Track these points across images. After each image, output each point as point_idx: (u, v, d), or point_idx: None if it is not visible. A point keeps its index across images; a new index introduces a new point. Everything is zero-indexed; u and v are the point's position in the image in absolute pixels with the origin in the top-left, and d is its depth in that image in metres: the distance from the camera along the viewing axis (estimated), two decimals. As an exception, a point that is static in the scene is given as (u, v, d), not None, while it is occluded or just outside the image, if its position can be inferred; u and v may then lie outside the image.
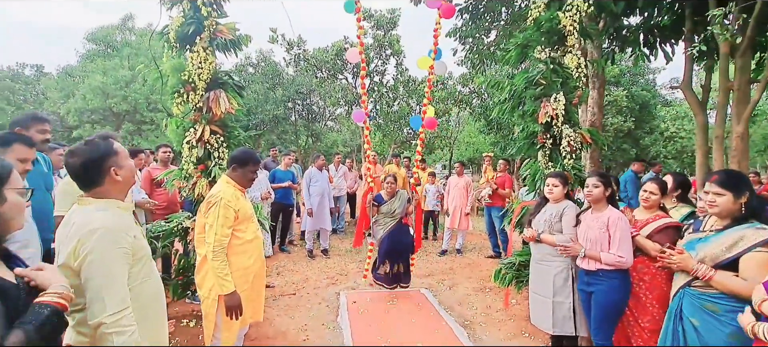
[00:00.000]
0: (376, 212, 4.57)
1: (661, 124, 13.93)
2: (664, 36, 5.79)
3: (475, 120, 14.27)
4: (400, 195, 4.58)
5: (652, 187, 2.79)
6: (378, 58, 13.01)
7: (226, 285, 2.45)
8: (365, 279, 4.70)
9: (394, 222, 4.50)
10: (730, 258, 1.97)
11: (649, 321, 2.65)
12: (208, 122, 3.44)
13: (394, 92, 13.70)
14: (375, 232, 4.60)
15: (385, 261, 4.51)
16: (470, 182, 7.05)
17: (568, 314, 3.02)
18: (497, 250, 6.59)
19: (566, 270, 3.05)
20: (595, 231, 2.70)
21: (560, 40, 3.85)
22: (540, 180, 3.74)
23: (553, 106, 3.68)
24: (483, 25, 7.30)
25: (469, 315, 4.23)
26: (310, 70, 14.07)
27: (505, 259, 4.05)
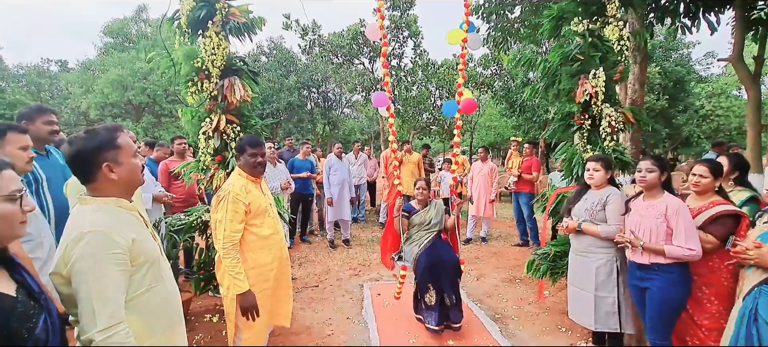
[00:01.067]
0: (407, 227, 3.62)
1: (696, 101, 13.11)
2: (707, 5, 5.30)
3: (496, 103, 13.81)
4: (436, 204, 3.64)
5: (701, 169, 2.47)
6: (395, 41, 12.64)
7: (239, 284, 2.30)
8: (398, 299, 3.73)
9: (431, 236, 3.48)
10: None
11: (708, 319, 2.40)
12: (224, 112, 3.29)
13: (412, 75, 13.34)
14: (407, 252, 3.54)
15: (429, 287, 3.32)
16: (495, 168, 6.76)
17: (612, 309, 2.79)
18: (525, 238, 6.32)
19: (610, 263, 2.80)
20: (650, 221, 2.43)
21: (599, 10, 3.51)
22: (578, 165, 3.45)
23: (593, 83, 3.37)
24: (507, 1, 6.89)
25: (500, 307, 4.02)
26: (326, 56, 13.83)
27: (538, 249, 3.79)
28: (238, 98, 3.21)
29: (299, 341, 3.36)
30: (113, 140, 1.41)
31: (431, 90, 13.53)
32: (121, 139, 1.43)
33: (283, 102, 15.18)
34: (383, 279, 4.87)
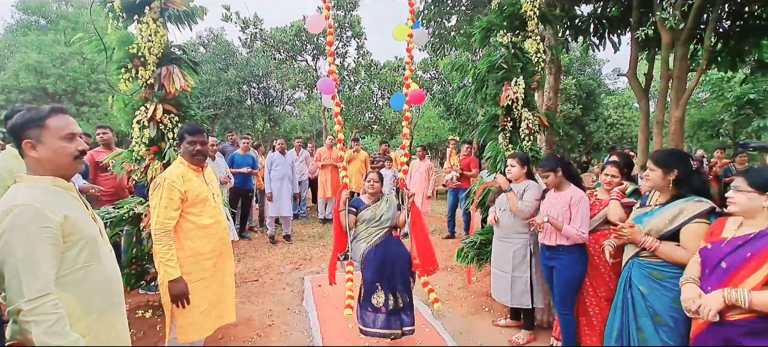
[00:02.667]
0: (354, 223, 3.16)
1: (605, 111, 14.94)
2: (612, 27, 6.13)
3: (434, 105, 14.47)
4: (388, 198, 3.25)
5: (612, 170, 2.97)
6: (339, 40, 12.74)
7: (169, 270, 2.28)
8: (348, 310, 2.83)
9: (382, 232, 3.07)
10: (672, 230, 2.15)
11: (605, 290, 2.84)
12: (161, 100, 3.21)
13: (355, 75, 13.52)
14: (354, 249, 3.11)
15: (377, 287, 2.95)
16: (432, 166, 7.16)
17: (525, 288, 3.20)
18: (452, 231, 6.79)
19: (525, 247, 3.21)
20: (557, 208, 2.85)
21: (521, 25, 3.96)
22: (501, 162, 3.87)
23: (514, 89, 3.80)
24: (444, 10, 7.34)
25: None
26: (268, 51, 13.50)
27: (467, 238, 4.18)
28: (177, 87, 3.15)
29: (239, 333, 3.38)
30: (41, 119, 1.43)
31: (374, 90, 13.81)
32: (51, 120, 1.44)
33: (222, 96, 14.53)
34: (324, 271, 4.98)
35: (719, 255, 1.77)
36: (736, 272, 1.68)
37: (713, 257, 1.80)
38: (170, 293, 2.30)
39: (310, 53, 13.26)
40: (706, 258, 1.85)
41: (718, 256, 1.78)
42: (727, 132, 12.55)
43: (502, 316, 3.65)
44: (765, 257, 1.61)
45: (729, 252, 1.74)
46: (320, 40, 12.45)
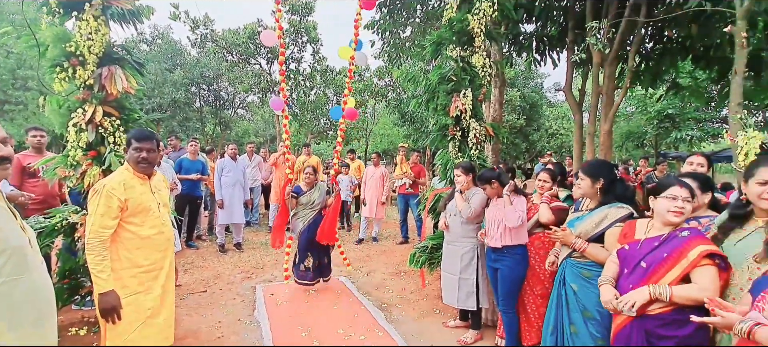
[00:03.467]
0: (295, 205, 4.41)
1: (546, 122, 16.07)
2: (551, 45, 6.64)
3: (389, 112, 14.72)
4: (319, 186, 4.52)
5: (544, 177, 3.23)
6: (294, 45, 12.60)
7: (99, 283, 2.13)
8: (287, 280, 4.48)
9: (313, 214, 4.41)
10: (598, 233, 2.39)
11: (541, 288, 3.07)
12: (101, 102, 3.03)
13: (311, 80, 13.42)
14: (294, 225, 4.43)
15: (308, 255, 4.36)
16: (386, 173, 7.30)
17: (471, 289, 3.36)
18: (406, 236, 6.96)
19: (473, 250, 3.39)
20: (500, 214, 3.04)
21: (469, 41, 4.19)
22: (451, 169, 4.05)
23: (463, 101, 4.01)
24: (399, 20, 7.56)
25: (386, 297, 4.42)
26: (219, 52, 13.02)
27: (419, 243, 4.32)
28: (119, 89, 2.99)
29: (185, 343, 3.25)
30: None
31: (329, 96, 13.78)
32: None
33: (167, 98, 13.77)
34: (276, 279, 4.91)
35: (638, 255, 1.96)
36: (656, 270, 1.87)
37: (632, 257, 1.99)
38: (99, 306, 2.15)
39: (264, 57, 12.98)
40: (625, 259, 2.05)
41: (637, 256, 1.97)
42: (650, 143, 13.95)
43: (452, 317, 3.81)
44: (679, 256, 1.82)
45: (647, 252, 1.94)
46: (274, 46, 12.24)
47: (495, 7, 4.03)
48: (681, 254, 1.82)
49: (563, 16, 5.93)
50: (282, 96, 4.05)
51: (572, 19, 5.75)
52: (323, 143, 19.10)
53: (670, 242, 1.89)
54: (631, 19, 4.86)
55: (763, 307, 1.37)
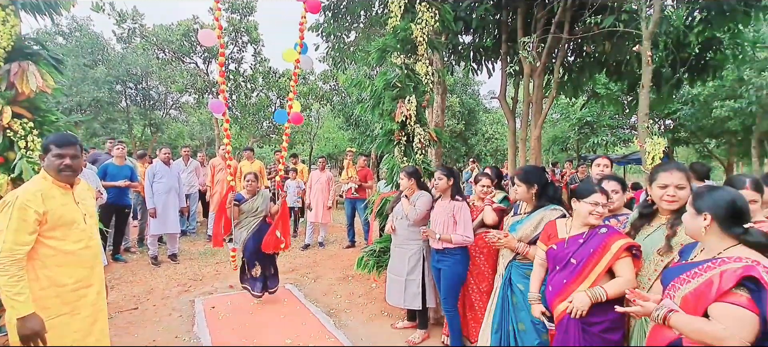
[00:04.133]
0: (238, 214, 4.17)
1: (483, 127, 17.02)
2: (487, 55, 7.06)
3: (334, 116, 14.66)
4: (263, 193, 4.35)
5: (486, 181, 3.44)
6: (233, 44, 12.05)
7: (18, 306, 1.89)
8: (232, 289, 4.28)
9: (257, 221, 4.22)
10: (537, 234, 2.59)
11: (486, 285, 3.24)
12: (10, 102, 2.69)
13: (252, 82, 12.90)
14: (237, 236, 4.16)
15: (255, 264, 4.20)
16: (332, 177, 7.26)
17: (417, 290, 3.46)
18: (353, 240, 6.98)
19: (419, 252, 3.49)
20: (443, 216, 3.18)
21: (413, 49, 4.33)
22: (397, 174, 4.15)
23: (407, 106, 4.13)
24: (344, 25, 7.57)
25: (334, 303, 4.41)
26: (149, 49, 12.05)
27: (367, 247, 4.36)
28: (33, 88, 2.68)
29: (115, 368, 2.99)
30: None
31: (272, 98, 13.37)
32: None
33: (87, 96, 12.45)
34: (217, 291, 4.67)
35: (568, 253, 2.17)
36: (586, 264, 2.09)
37: (563, 255, 2.20)
38: (20, 333, 1.91)
39: (201, 56, 12.26)
40: (555, 257, 2.25)
41: (567, 254, 2.17)
42: (573, 147, 15.35)
43: (400, 319, 3.89)
44: (604, 251, 2.05)
45: (575, 249, 2.15)
46: (213, 44, 11.61)
47: (436, 18, 4.22)
48: (605, 248, 2.05)
49: (498, 29, 6.34)
50: (222, 98, 3.79)
51: (505, 32, 6.18)
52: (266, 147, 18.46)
53: (593, 239, 2.12)
54: (556, 35, 5.34)
55: (673, 295, 1.57)
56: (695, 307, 1.47)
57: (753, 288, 1.37)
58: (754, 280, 1.36)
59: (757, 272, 1.36)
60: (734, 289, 1.39)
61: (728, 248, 1.50)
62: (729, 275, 1.41)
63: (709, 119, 10.79)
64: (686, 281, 1.54)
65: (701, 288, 1.47)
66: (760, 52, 8.87)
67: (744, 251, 1.46)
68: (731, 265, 1.43)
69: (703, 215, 1.54)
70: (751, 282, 1.37)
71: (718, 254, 1.51)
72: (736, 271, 1.40)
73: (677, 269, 1.64)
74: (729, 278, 1.40)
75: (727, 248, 1.50)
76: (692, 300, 1.49)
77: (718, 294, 1.41)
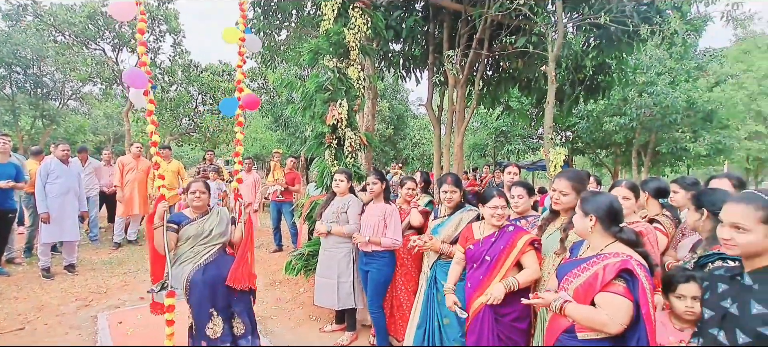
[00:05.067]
0: (175, 242, 2.76)
1: (411, 132, 17.73)
2: (415, 64, 7.38)
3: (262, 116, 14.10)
4: (219, 211, 2.94)
5: (411, 185, 3.61)
6: (150, 32, 10.97)
7: None
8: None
9: (213, 250, 2.78)
10: (458, 234, 2.82)
11: (413, 285, 3.38)
12: None
13: (170, 75, 11.83)
14: (176, 274, 2.69)
15: (211, 314, 2.66)
16: (258, 179, 7.01)
17: (349, 290, 3.52)
18: (279, 244, 6.82)
19: (349, 254, 3.54)
20: (374, 218, 3.28)
21: (345, 53, 4.39)
22: (327, 176, 4.17)
23: (339, 110, 4.17)
24: (274, 23, 7.36)
25: (260, 310, 4.25)
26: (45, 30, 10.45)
27: (295, 251, 4.30)
28: None
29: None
30: None
31: (193, 94, 12.43)
32: None
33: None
34: (126, 304, 4.25)
35: (482, 251, 2.44)
36: (498, 260, 2.36)
37: (478, 254, 2.46)
38: None
39: (109, 42, 10.96)
40: (472, 256, 2.51)
41: (482, 252, 2.44)
42: (491, 153, 16.66)
43: (329, 322, 3.90)
44: (512, 247, 2.33)
45: (488, 248, 2.42)
46: (123, 28, 10.41)
47: (369, 24, 4.33)
48: (513, 245, 2.35)
49: (425, 40, 6.68)
50: (144, 71, 2.71)
51: (433, 44, 6.53)
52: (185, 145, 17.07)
53: (503, 237, 2.42)
54: (476, 51, 5.80)
55: (567, 288, 1.81)
56: (585, 297, 1.72)
57: (628, 278, 1.63)
58: (629, 272, 1.63)
59: (631, 265, 1.63)
60: (614, 280, 1.64)
61: (608, 244, 1.77)
62: (610, 268, 1.66)
63: (600, 132, 12.48)
64: (577, 275, 1.78)
65: (589, 280, 1.72)
66: (640, 76, 10.51)
67: (620, 247, 1.74)
68: (611, 260, 1.68)
69: (589, 217, 1.81)
70: (627, 274, 1.64)
71: (600, 250, 1.78)
72: (616, 265, 1.65)
73: (569, 265, 1.90)
74: (610, 271, 1.66)
75: (607, 245, 1.77)
76: (582, 292, 1.73)
77: (602, 285, 1.66)
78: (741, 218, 1.38)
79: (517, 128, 14.27)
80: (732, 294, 1.44)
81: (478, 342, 2.37)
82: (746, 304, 1.36)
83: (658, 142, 12.35)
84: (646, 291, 1.59)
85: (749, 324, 1.33)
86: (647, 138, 12.43)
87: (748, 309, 1.35)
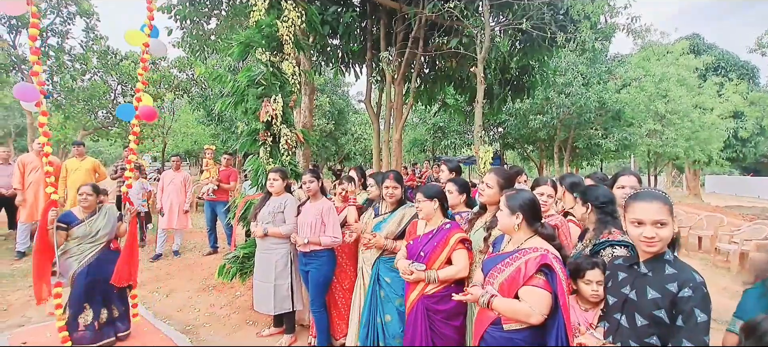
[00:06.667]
0: (65, 239, 3.17)
1: (352, 127, 17.70)
2: (355, 59, 7.38)
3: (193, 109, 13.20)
4: (107, 210, 3.36)
5: (345, 184, 3.62)
6: (55, 13, 9.68)
7: None
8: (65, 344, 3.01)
9: (97, 249, 3.24)
10: (400, 230, 2.89)
11: (348, 283, 3.40)
12: None
13: (83, 62, 10.56)
14: (64, 267, 3.14)
15: (85, 307, 3.15)
16: (188, 177, 6.58)
17: (287, 294, 3.44)
18: (215, 246, 6.49)
19: (286, 256, 3.46)
20: (311, 218, 3.24)
21: (279, 47, 4.26)
22: (262, 175, 4.03)
23: (273, 106, 4.04)
24: (202, 10, 6.90)
25: (192, 318, 4.04)
26: None
27: (229, 253, 4.12)
28: None
29: None
30: None
31: (111, 84, 11.25)
32: None
33: None
34: (31, 322, 3.79)
35: (419, 247, 2.51)
36: (430, 256, 2.44)
37: (415, 249, 2.54)
38: None
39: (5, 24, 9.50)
40: (410, 251, 2.58)
41: (418, 248, 2.51)
42: (429, 148, 17.21)
43: (266, 326, 3.79)
44: (445, 244, 2.41)
45: (424, 244, 2.50)
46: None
47: (303, 18, 4.23)
48: (446, 242, 2.43)
49: (363, 36, 6.70)
50: (36, 83, 2.84)
51: (370, 40, 6.56)
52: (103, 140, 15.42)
53: (439, 234, 2.49)
54: (411, 50, 5.94)
55: (492, 282, 1.92)
56: (509, 291, 1.83)
57: (547, 272, 1.77)
58: (547, 266, 1.77)
59: (549, 259, 1.77)
60: (536, 274, 1.78)
61: (528, 239, 1.90)
62: (531, 263, 1.79)
63: (526, 128, 13.47)
64: (501, 270, 1.90)
65: (513, 274, 1.84)
66: (559, 78, 11.49)
67: (538, 242, 1.88)
68: (532, 255, 1.81)
69: (516, 214, 1.92)
70: (546, 268, 1.77)
71: (520, 245, 1.90)
72: (536, 259, 1.79)
73: (493, 260, 2.01)
74: (531, 265, 1.79)
75: (527, 239, 1.90)
76: (507, 286, 1.85)
77: (525, 279, 1.79)
78: (659, 214, 1.51)
79: (453, 124, 14.89)
80: (630, 281, 1.61)
81: (413, 337, 2.45)
82: (643, 290, 1.53)
83: (575, 138, 13.61)
84: (562, 282, 1.75)
85: (646, 310, 1.50)
86: (567, 135, 13.63)
87: (645, 294, 1.52)
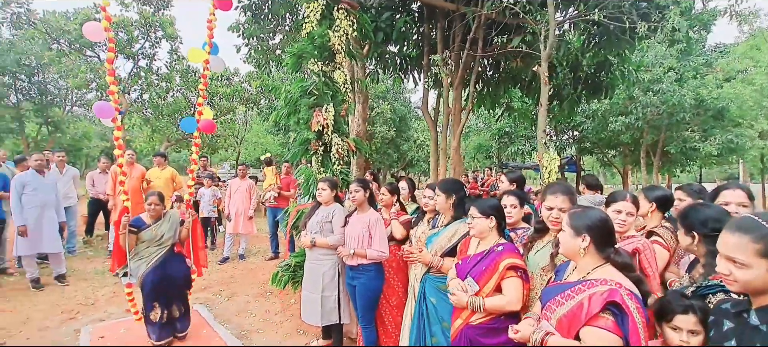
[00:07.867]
0: (135, 242, 3.45)
1: (414, 133, 17.47)
2: (412, 65, 7.21)
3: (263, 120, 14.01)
4: (170, 216, 3.61)
5: (383, 191, 3.45)
6: (145, 39, 10.94)
7: None
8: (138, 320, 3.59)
9: (162, 252, 3.49)
10: (451, 247, 2.61)
11: (395, 298, 3.23)
12: None
13: (168, 81, 11.81)
14: (134, 269, 3.43)
15: (154, 306, 3.43)
16: (253, 185, 6.90)
17: (334, 306, 3.35)
18: (276, 251, 6.69)
19: (334, 267, 3.37)
20: (358, 229, 3.11)
21: (331, 57, 4.25)
22: (313, 185, 4.02)
23: (325, 116, 4.03)
24: (267, 27, 7.25)
25: (248, 323, 4.14)
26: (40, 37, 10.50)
27: (282, 262, 4.16)
28: None
29: None
30: None
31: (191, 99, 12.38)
32: None
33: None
34: (111, 317, 4.16)
35: (466, 269, 2.21)
36: (478, 282, 2.10)
37: (463, 270, 2.23)
38: None
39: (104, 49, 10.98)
40: (459, 271, 2.28)
41: (465, 270, 2.21)
42: (495, 155, 16.36)
43: (315, 337, 3.74)
44: (494, 269, 2.06)
45: (472, 266, 2.17)
46: (120, 35, 10.40)
47: (354, 26, 4.17)
48: (495, 267, 2.07)
49: (421, 41, 6.50)
50: (113, 101, 3.27)
51: (427, 45, 6.35)
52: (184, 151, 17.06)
53: (489, 257, 2.13)
54: (469, 52, 5.60)
55: (549, 316, 1.60)
56: (569, 329, 1.52)
57: (616, 312, 1.43)
58: (617, 305, 1.42)
59: (619, 296, 1.42)
60: (601, 313, 1.44)
61: (596, 268, 1.56)
62: (596, 299, 1.46)
63: (606, 131, 12.12)
64: (560, 303, 1.58)
65: (573, 310, 1.51)
66: (644, 74, 10.20)
67: (608, 272, 1.53)
68: (598, 288, 1.47)
69: (582, 236, 1.57)
70: (614, 306, 1.43)
71: (587, 275, 1.57)
72: (603, 295, 1.45)
73: (553, 289, 1.69)
74: (596, 302, 1.45)
75: (595, 269, 1.56)
76: (566, 323, 1.53)
77: (588, 318, 1.46)
78: (736, 252, 1.17)
79: (520, 129, 13.97)
80: (737, 333, 1.25)
81: (457, 367, 2.16)
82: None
83: (666, 141, 11.97)
84: (638, 326, 1.39)
85: None
86: (656, 137, 12.05)
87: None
